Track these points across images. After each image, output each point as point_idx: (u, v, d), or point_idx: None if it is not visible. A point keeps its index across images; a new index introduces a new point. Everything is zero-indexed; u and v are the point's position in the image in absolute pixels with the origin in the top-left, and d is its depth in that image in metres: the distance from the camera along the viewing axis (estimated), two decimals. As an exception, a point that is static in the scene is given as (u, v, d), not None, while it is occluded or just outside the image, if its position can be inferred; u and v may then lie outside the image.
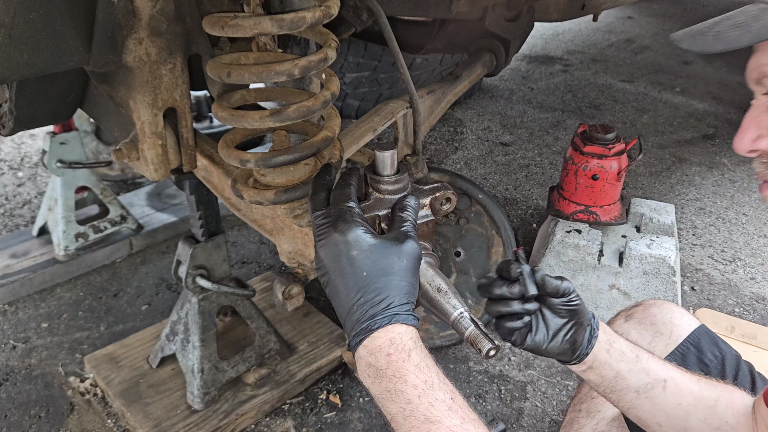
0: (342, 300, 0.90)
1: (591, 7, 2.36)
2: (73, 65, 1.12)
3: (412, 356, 0.84)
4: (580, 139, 2.24)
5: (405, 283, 0.89)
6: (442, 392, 0.83)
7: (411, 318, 0.88)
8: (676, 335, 1.29)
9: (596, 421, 1.28)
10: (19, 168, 3.35)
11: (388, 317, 0.86)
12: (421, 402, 0.82)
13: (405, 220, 0.98)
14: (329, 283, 0.92)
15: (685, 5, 6.40)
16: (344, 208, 0.95)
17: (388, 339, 0.85)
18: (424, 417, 0.81)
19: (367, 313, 0.87)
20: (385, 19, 1.42)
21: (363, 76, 3.45)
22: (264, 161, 1.14)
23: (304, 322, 2.18)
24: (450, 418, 0.81)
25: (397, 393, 0.84)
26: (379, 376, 0.85)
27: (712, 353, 1.25)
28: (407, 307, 0.88)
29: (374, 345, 0.86)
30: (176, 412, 1.85)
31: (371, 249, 0.89)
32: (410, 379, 0.83)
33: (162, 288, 2.50)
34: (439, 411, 0.81)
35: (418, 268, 0.95)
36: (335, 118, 1.24)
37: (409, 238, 0.94)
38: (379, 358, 0.85)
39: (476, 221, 2.20)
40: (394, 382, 0.84)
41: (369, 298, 0.87)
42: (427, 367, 0.85)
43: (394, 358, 0.84)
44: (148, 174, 1.37)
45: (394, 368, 0.84)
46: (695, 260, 2.71)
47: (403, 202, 1.01)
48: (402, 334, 0.86)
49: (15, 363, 2.13)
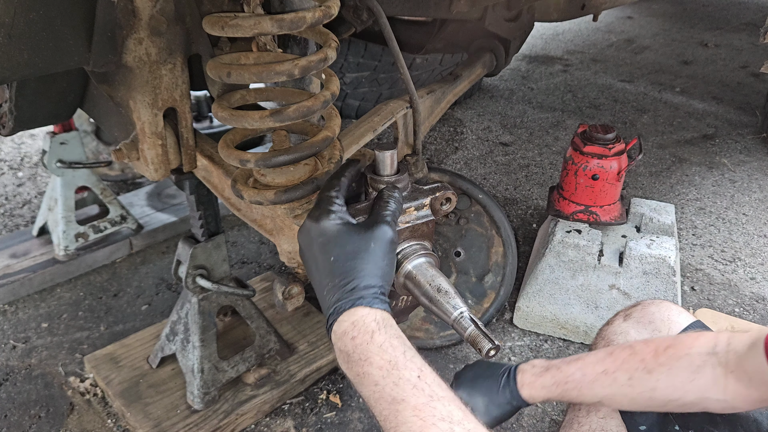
0: (316, 287, 0.91)
1: (591, 7, 2.36)
2: (73, 65, 1.12)
3: (374, 338, 0.84)
4: (580, 139, 2.24)
5: (371, 266, 0.89)
6: (407, 371, 0.82)
7: (376, 301, 0.87)
8: (673, 332, 1.29)
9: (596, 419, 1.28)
10: (19, 168, 3.35)
11: (351, 300, 0.86)
12: (386, 383, 0.81)
13: (383, 206, 0.97)
14: (307, 272, 0.93)
15: (685, 5, 6.40)
16: (324, 197, 0.96)
17: (351, 322, 0.85)
18: (391, 397, 0.80)
19: (333, 297, 0.87)
20: (385, 19, 1.42)
21: (363, 76, 3.45)
22: (264, 161, 1.14)
23: (304, 322, 2.18)
24: (416, 397, 0.79)
25: (365, 376, 0.83)
26: (349, 361, 0.86)
27: None
28: (373, 290, 0.87)
29: (341, 329, 0.86)
30: (176, 412, 1.85)
31: (339, 234, 0.90)
32: (375, 360, 0.83)
33: (162, 288, 2.50)
34: (403, 390, 0.80)
35: (392, 251, 0.94)
36: (335, 118, 1.24)
37: (382, 223, 0.93)
38: (346, 343, 0.85)
39: (476, 221, 2.20)
40: (361, 365, 0.84)
41: (336, 283, 0.88)
42: (392, 347, 0.84)
43: (358, 341, 0.84)
44: (148, 174, 1.37)
45: (359, 351, 0.84)
46: (695, 260, 2.71)
47: (382, 191, 1.01)
48: (365, 317, 0.85)
49: (15, 363, 2.14)
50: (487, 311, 2.24)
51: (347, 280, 0.87)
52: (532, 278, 2.28)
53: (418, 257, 1.05)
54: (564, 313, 2.23)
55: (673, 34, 5.59)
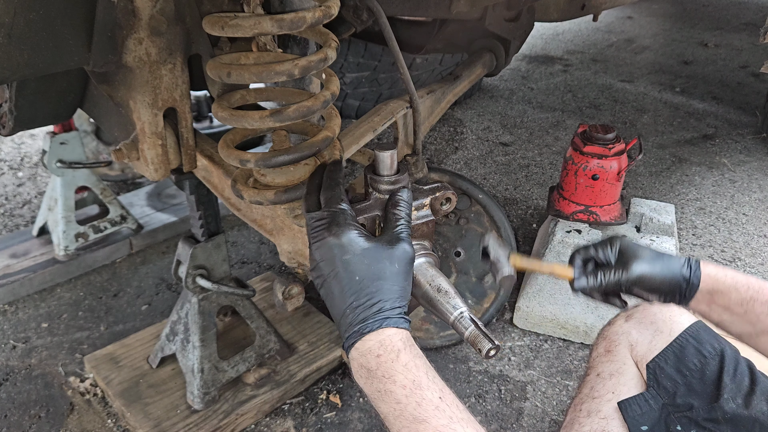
0: (336, 303, 0.92)
1: (591, 7, 2.36)
2: (73, 65, 1.12)
3: (400, 357, 0.86)
4: (580, 139, 2.25)
5: (396, 287, 0.91)
6: (429, 392, 0.84)
7: (401, 321, 0.90)
8: (675, 332, 1.29)
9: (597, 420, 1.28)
10: (19, 168, 3.35)
11: (379, 321, 0.88)
12: (409, 402, 0.83)
13: (398, 218, 0.98)
14: (324, 286, 0.94)
15: (685, 5, 6.40)
16: (337, 211, 0.96)
17: (378, 341, 0.87)
18: (412, 417, 0.83)
19: (359, 317, 0.89)
20: (385, 19, 1.42)
21: (363, 76, 3.45)
22: (264, 161, 1.14)
23: (304, 322, 2.18)
24: (437, 418, 0.82)
25: (387, 393, 0.85)
26: (371, 377, 0.87)
27: (712, 346, 1.25)
28: (398, 310, 0.90)
29: (365, 347, 0.88)
30: (176, 412, 1.85)
31: (364, 253, 0.91)
32: (399, 379, 0.85)
33: (162, 288, 2.50)
34: (426, 411, 0.83)
35: (411, 270, 0.96)
36: (335, 118, 1.24)
37: (402, 241, 0.95)
38: (370, 360, 0.87)
39: (476, 221, 2.20)
40: (384, 382, 0.86)
41: (361, 302, 0.89)
42: (416, 367, 0.86)
43: (383, 359, 0.86)
44: (148, 174, 1.37)
45: (383, 369, 0.86)
46: (695, 260, 2.71)
47: (395, 197, 1.01)
48: (391, 336, 0.88)
49: (15, 363, 2.14)
50: (487, 311, 2.24)
51: (374, 301, 0.89)
52: (532, 278, 2.28)
53: (418, 257, 1.05)
54: (564, 313, 2.23)
55: (673, 34, 5.59)
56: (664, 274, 1.18)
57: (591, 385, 1.33)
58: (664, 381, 1.24)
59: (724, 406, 1.15)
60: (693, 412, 1.18)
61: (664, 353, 1.26)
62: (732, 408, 1.14)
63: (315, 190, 1.03)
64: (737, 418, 1.13)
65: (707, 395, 1.19)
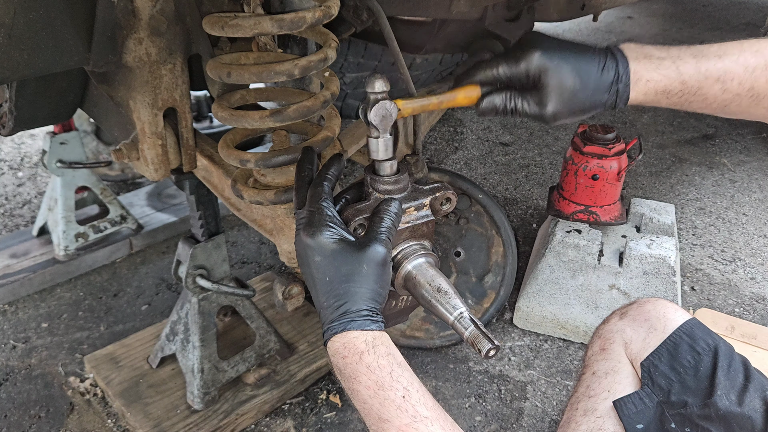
0: (315, 301, 0.96)
1: (591, 7, 2.35)
2: (73, 65, 1.12)
3: (363, 358, 0.88)
4: (580, 139, 2.24)
5: (364, 289, 0.92)
6: (392, 392, 0.86)
7: (367, 323, 0.91)
8: (669, 329, 1.29)
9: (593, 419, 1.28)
10: (19, 168, 3.35)
11: (344, 323, 0.90)
12: (373, 402, 0.87)
13: (379, 223, 0.97)
14: (307, 285, 0.98)
15: (685, 5, 6.40)
16: (314, 209, 0.96)
17: (342, 343, 0.90)
18: (377, 416, 0.86)
19: (328, 318, 0.92)
20: (385, 19, 1.42)
21: (363, 76, 3.45)
22: (264, 161, 1.14)
23: (304, 322, 2.18)
24: (399, 418, 0.85)
25: (355, 392, 0.89)
26: (342, 377, 0.92)
27: (705, 342, 1.25)
28: (364, 312, 0.92)
29: (333, 348, 0.91)
30: (176, 412, 1.85)
31: (333, 254, 0.92)
32: (363, 380, 0.88)
33: (162, 288, 2.50)
34: (388, 411, 0.86)
35: (384, 271, 0.95)
36: (335, 118, 1.24)
37: (375, 242, 0.94)
38: (338, 360, 0.91)
39: (476, 221, 2.20)
40: (351, 382, 0.89)
41: (330, 303, 0.92)
42: (379, 368, 0.88)
43: (348, 361, 0.89)
44: (148, 174, 1.37)
45: (349, 370, 0.89)
46: (695, 260, 2.71)
47: (381, 205, 1.00)
48: (355, 339, 0.90)
49: (15, 363, 2.14)
50: (487, 311, 2.24)
51: (339, 303, 0.91)
52: (532, 278, 2.28)
53: (417, 257, 1.05)
54: (564, 313, 2.23)
55: (673, 34, 5.59)
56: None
57: (587, 384, 1.34)
58: (659, 379, 1.24)
59: (717, 403, 1.15)
60: (687, 409, 1.18)
61: (658, 351, 1.26)
62: (725, 405, 1.14)
63: (302, 185, 1.02)
64: (730, 416, 1.13)
65: (701, 392, 1.19)
